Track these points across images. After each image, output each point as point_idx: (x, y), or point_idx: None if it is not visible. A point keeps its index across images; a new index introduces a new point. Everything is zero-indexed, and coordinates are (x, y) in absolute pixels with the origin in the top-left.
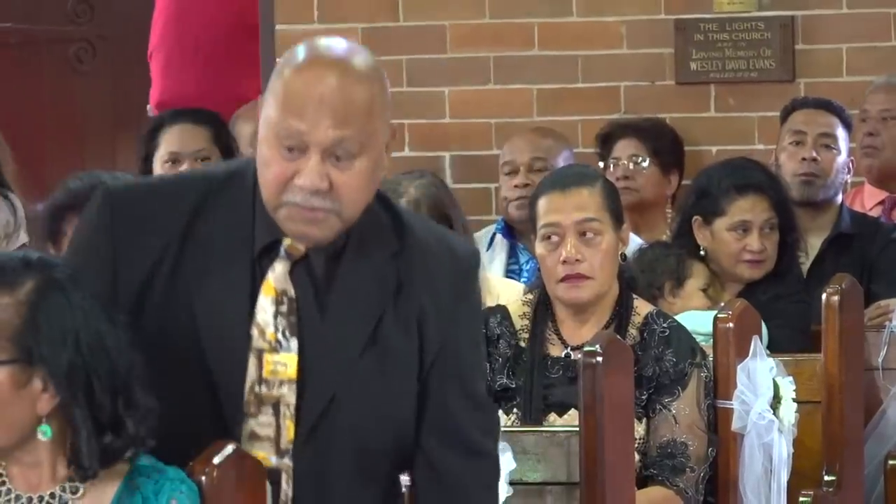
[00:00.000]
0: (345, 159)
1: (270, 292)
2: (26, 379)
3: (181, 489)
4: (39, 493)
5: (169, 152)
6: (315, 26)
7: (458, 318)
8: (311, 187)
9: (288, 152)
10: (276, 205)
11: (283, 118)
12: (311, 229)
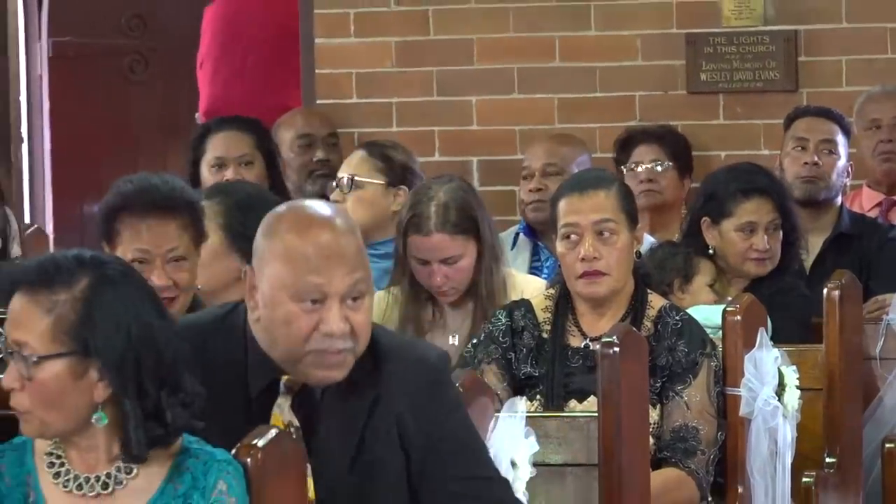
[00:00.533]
0: (358, 299)
1: (277, 423)
2: (83, 370)
3: (228, 469)
4: (96, 473)
5: (215, 157)
6: (352, 40)
7: (438, 419)
8: (340, 332)
9: (311, 305)
10: (301, 355)
11: (300, 277)
12: (335, 372)
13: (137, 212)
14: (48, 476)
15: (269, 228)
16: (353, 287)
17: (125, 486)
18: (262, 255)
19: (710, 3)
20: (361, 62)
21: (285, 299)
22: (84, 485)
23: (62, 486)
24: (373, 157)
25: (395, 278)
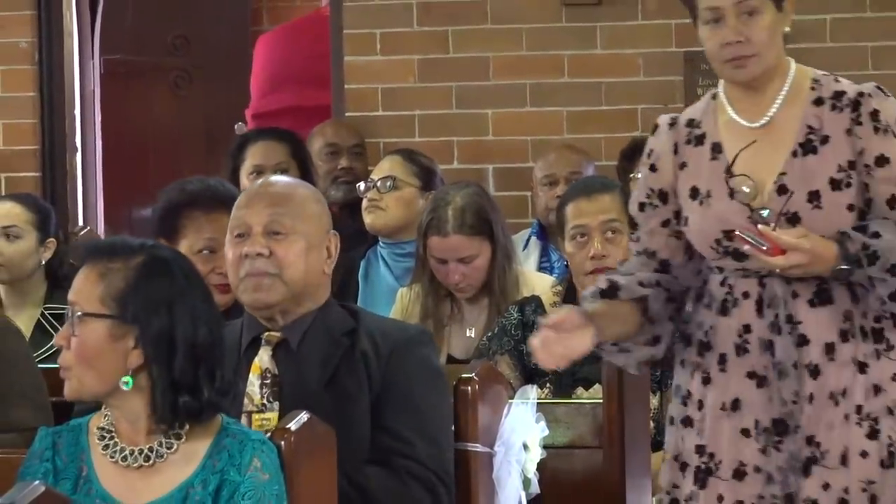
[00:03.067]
0: (281, 234)
1: (256, 371)
2: (121, 334)
3: (262, 448)
4: (139, 446)
5: (253, 165)
6: (378, 58)
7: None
8: (255, 252)
9: (240, 238)
10: (236, 285)
11: (233, 215)
12: (262, 294)
13: (202, 207)
14: (99, 450)
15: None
16: (273, 221)
17: (165, 460)
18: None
19: None
20: (386, 78)
21: (228, 241)
22: (129, 457)
23: (110, 457)
24: (409, 163)
25: (416, 276)
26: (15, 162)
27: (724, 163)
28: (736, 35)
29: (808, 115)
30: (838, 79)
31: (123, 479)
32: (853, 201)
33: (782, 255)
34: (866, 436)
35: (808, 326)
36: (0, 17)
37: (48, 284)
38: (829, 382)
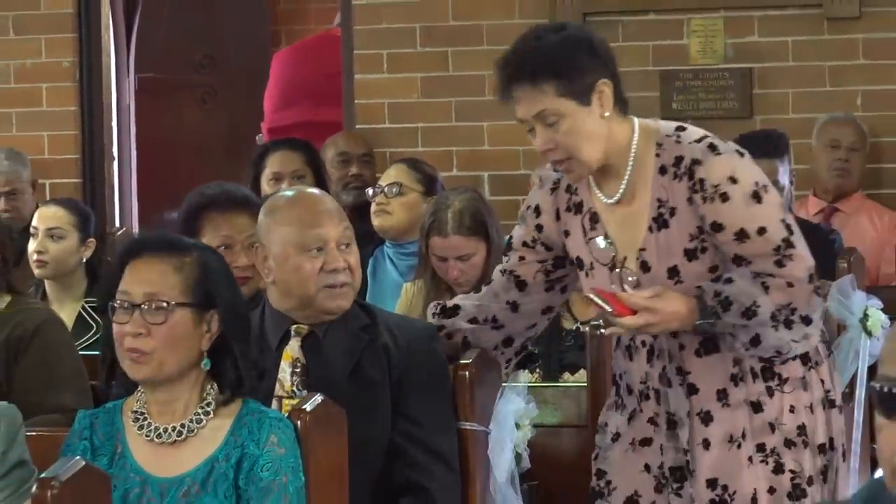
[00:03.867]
0: (349, 245)
1: (288, 358)
2: (201, 319)
3: (279, 426)
4: (172, 423)
5: (273, 172)
6: (384, 76)
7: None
8: (342, 267)
9: (316, 252)
10: (314, 294)
11: (304, 232)
12: (342, 301)
13: (219, 209)
14: (133, 429)
15: (269, 209)
16: (344, 234)
17: (196, 435)
18: (269, 228)
19: (679, 45)
20: (392, 94)
21: (293, 253)
22: (162, 434)
23: (145, 436)
24: (413, 170)
25: (419, 273)
26: (58, 169)
27: (601, 233)
28: (545, 143)
29: (657, 186)
30: (680, 137)
31: (155, 454)
32: (711, 263)
33: (633, 315)
34: (772, 471)
35: (696, 376)
36: (45, 39)
37: (88, 280)
38: (724, 427)
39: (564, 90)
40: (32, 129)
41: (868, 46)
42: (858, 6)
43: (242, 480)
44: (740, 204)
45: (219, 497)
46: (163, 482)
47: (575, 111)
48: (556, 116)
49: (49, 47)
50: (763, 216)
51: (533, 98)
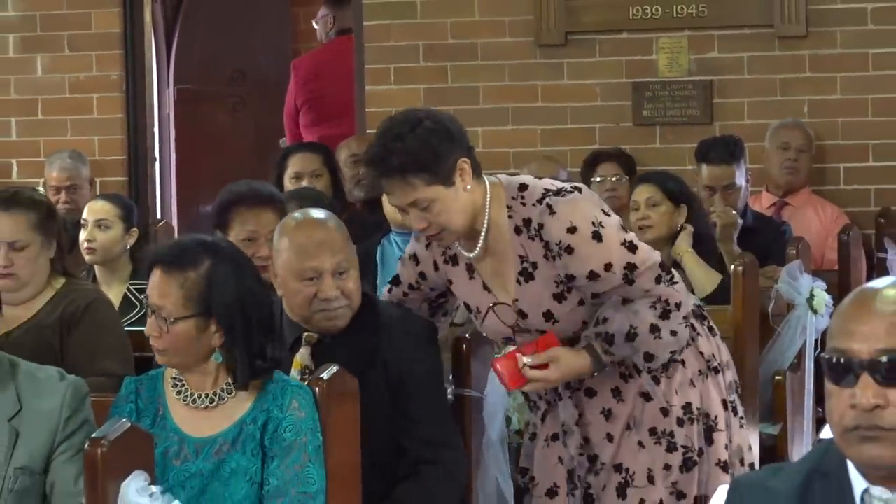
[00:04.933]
0: (344, 273)
1: (297, 366)
2: (205, 326)
3: (300, 393)
4: (206, 392)
5: (294, 171)
6: (391, 87)
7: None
8: (334, 297)
9: (310, 281)
10: (311, 315)
11: (301, 263)
12: (338, 321)
13: (246, 204)
14: (172, 394)
15: (280, 230)
16: (338, 265)
17: (226, 402)
18: (277, 249)
19: (649, 60)
20: (398, 103)
21: (292, 279)
22: (197, 400)
23: (182, 400)
24: None
25: None
26: (107, 168)
27: (479, 281)
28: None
29: (516, 244)
30: (524, 198)
31: (191, 417)
32: (578, 300)
33: (522, 384)
34: (666, 450)
35: (593, 382)
36: (96, 55)
37: (132, 265)
38: (622, 418)
39: (431, 179)
40: (84, 133)
41: (813, 61)
42: (805, 26)
43: (268, 440)
44: (584, 249)
45: (247, 455)
46: (198, 441)
47: (443, 194)
48: (428, 202)
49: (99, 62)
50: (606, 252)
51: (403, 190)
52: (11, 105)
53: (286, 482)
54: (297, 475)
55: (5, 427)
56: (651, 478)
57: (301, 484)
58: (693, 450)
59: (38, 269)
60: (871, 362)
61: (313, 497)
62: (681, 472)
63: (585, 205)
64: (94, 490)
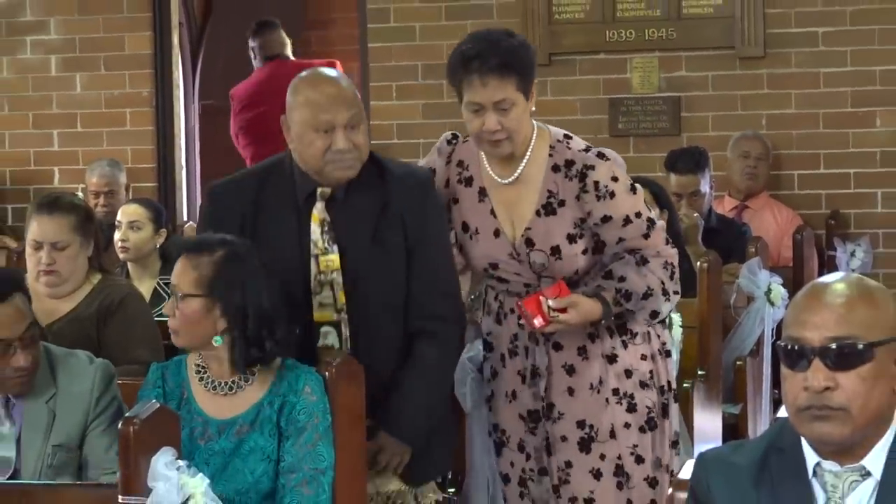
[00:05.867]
0: (355, 127)
1: (316, 220)
2: (210, 308)
3: (312, 378)
4: (225, 379)
5: None
6: (393, 102)
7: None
8: (346, 148)
9: (325, 133)
10: (323, 166)
11: (316, 115)
12: (348, 172)
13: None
14: (196, 380)
15: (294, 88)
16: (351, 119)
17: (244, 389)
18: (292, 106)
19: (624, 78)
20: (400, 116)
21: (308, 131)
22: (217, 386)
23: (204, 386)
24: None
25: None
26: (139, 175)
27: (489, 206)
28: (495, 125)
29: (549, 180)
30: (569, 144)
31: (213, 401)
32: (585, 247)
33: (550, 324)
34: (626, 410)
35: (562, 335)
36: (129, 74)
37: (161, 262)
38: (585, 376)
39: (519, 84)
40: (119, 144)
41: (771, 79)
42: (763, 48)
43: (283, 421)
44: (623, 197)
45: (264, 435)
46: (220, 423)
47: (521, 103)
48: (510, 104)
49: (131, 80)
50: (637, 203)
51: (497, 86)
52: (53, 118)
53: (299, 459)
54: (309, 453)
55: (43, 409)
56: (613, 433)
57: (313, 461)
58: (655, 412)
59: (77, 266)
60: (821, 349)
61: (323, 472)
62: (641, 431)
63: (620, 164)
64: (127, 464)
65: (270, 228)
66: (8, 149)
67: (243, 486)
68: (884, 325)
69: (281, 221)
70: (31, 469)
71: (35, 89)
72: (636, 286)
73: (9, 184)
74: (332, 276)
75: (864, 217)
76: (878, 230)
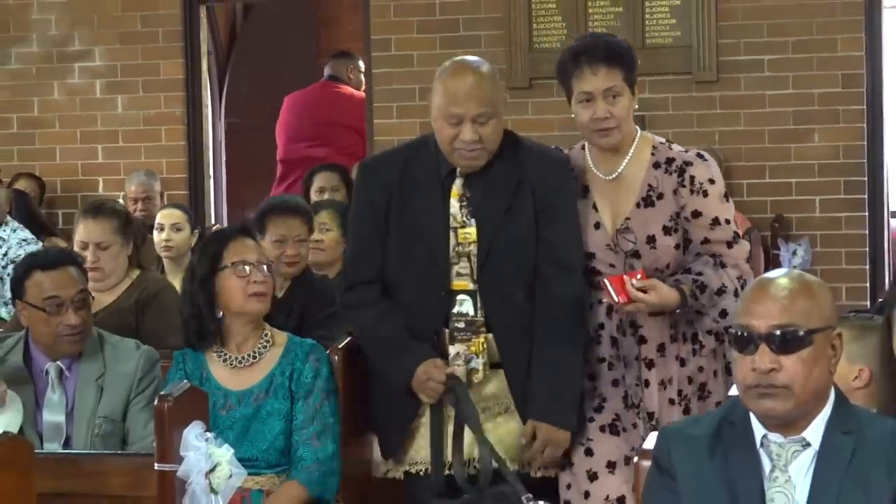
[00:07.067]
0: (485, 122)
1: (455, 195)
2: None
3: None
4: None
5: (319, 186)
6: (394, 121)
7: (554, 188)
8: (470, 141)
9: (454, 124)
10: (451, 152)
11: (447, 107)
12: (474, 161)
13: (279, 213)
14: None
15: (439, 73)
16: (480, 114)
17: (258, 361)
18: (434, 89)
19: None
20: (400, 134)
21: (439, 118)
22: (235, 361)
23: (223, 362)
24: None
25: None
26: (172, 184)
27: (591, 201)
28: (604, 113)
29: (650, 175)
30: (671, 146)
31: (231, 374)
32: (678, 242)
33: (629, 303)
34: (682, 412)
35: (646, 330)
36: (163, 96)
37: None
38: (660, 372)
39: (626, 76)
40: (155, 157)
41: (723, 101)
42: (716, 73)
43: (294, 386)
44: (716, 200)
45: (279, 399)
46: (238, 393)
47: (627, 95)
48: (618, 93)
49: (166, 101)
50: (728, 212)
51: (607, 76)
52: (97, 135)
53: (309, 417)
54: (317, 411)
55: (93, 385)
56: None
57: (320, 417)
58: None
59: (118, 263)
60: (767, 335)
61: (330, 427)
62: None
63: (720, 174)
64: (162, 436)
65: (416, 200)
66: (58, 161)
67: (265, 445)
68: (821, 315)
69: (425, 195)
70: (83, 438)
71: (82, 109)
72: (711, 281)
73: (59, 192)
74: (469, 247)
75: (805, 220)
76: (816, 232)
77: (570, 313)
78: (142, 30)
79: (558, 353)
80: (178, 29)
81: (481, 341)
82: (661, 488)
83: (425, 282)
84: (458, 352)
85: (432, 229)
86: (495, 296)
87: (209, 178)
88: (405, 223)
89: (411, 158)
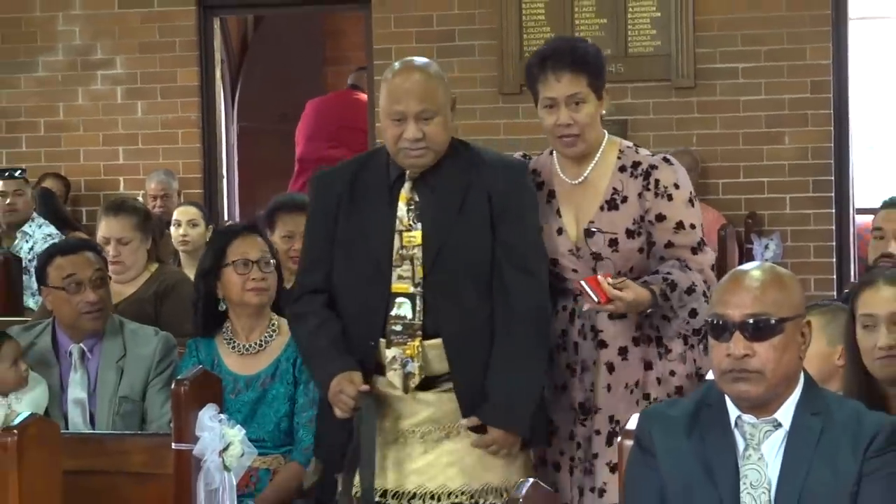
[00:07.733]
0: (429, 119)
1: (403, 199)
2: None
3: None
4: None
5: None
6: None
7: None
8: (413, 138)
9: (397, 122)
10: (396, 152)
11: (390, 105)
12: (419, 160)
13: (286, 210)
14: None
15: (384, 75)
16: (422, 111)
17: (265, 349)
18: (381, 91)
19: None
20: None
21: (384, 118)
22: (243, 349)
23: (231, 349)
24: None
25: None
26: (188, 183)
27: (555, 207)
28: (567, 120)
29: (615, 179)
30: (638, 150)
31: (240, 360)
32: (642, 245)
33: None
34: None
35: (607, 334)
36: (180, 101)
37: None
38: (622, 376)
39: (591, 83)
40: (172, 158)
41: (700, 105)
42: (694, 80)
43: (297, 371)
44: (681, 204)
45: (284, 383)
46: (247, 377)
47: (593, 101)
48: (582, 99)
49: (182, 107)
50: (693, 217)
51: (571, 81)
52: (119, 137)
53: (309, 400)
54: (316, 396)
55: (114, 367)
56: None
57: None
58: None
59: (138, 257)
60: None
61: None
62: None
63: (687, 178)
64: (178, 417)
65: (363, 207)
66: (83, 162)
67: (270, 427)
68: (791, 304)
69: (373, 201)
70: (105, 416)
71: (104, 114)
72: (680, 280)
73: (83, 191)
74: (413, 251)
75: (776, 217)
76: (787, 227)
77: (529, 317)
78: (160, 40)
79: (517, 357)
80: (194, 39)
81: (416, 345)
82: (643, 466)
83: (368, 286)
84: (394, 355)
85: (377, 234)
86: (445, 299)
87: (222, 177)
88: (352, 229)
89: (362, 167)
